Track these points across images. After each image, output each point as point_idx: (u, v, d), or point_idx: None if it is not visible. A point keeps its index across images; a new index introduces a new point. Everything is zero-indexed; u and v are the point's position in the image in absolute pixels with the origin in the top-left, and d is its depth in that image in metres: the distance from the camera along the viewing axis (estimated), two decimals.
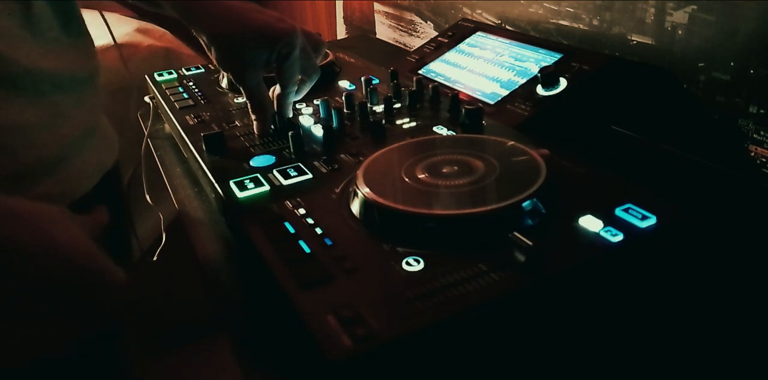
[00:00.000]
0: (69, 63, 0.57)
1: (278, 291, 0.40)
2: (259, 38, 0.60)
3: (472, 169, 0.49)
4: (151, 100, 0.86)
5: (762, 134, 0.66)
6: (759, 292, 0.46)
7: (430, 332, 0.36)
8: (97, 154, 0.61)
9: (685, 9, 0.70)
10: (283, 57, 0.62)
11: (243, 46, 0.60)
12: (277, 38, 0.60)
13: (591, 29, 0.84)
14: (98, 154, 0.61)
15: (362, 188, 0.47)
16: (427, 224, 0.43)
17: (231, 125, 0.69)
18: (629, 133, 0.72)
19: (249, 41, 0.60)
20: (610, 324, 0.42)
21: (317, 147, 0.61)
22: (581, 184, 0.49)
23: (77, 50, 0.60)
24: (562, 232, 0.43)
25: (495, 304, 0.37)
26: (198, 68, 0.91)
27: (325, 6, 1.76)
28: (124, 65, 0.88)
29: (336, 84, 0.81)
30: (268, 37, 0.60)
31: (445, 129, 0.63)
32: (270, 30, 0.60)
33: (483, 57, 0.84)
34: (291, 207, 0.49)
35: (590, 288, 0.42)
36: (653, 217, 0.43)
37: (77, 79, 0.58)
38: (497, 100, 0.74)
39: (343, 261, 0.41)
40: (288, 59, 0.63)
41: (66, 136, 0.55)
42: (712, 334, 0.43)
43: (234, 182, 0.54)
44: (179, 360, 1.53)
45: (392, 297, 0.38)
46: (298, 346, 0.38)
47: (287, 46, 0.61)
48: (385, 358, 0.35)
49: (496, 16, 1.03)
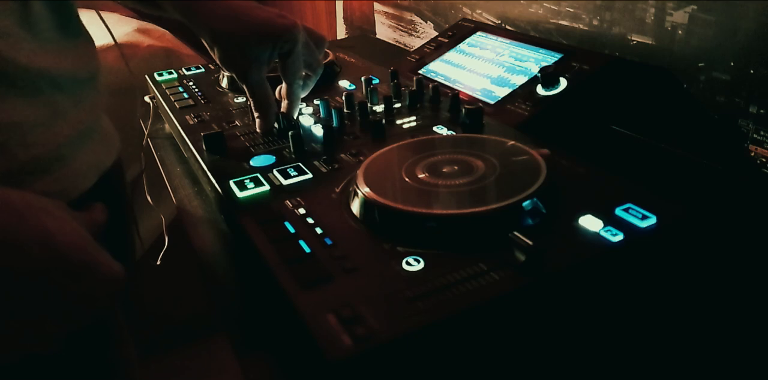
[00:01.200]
0: (69, 63, 0.57)
1: (278, 290, 0.40)
2: (261, 34, 0.60)
3: (472, 169, 0.49)
4: (151, 100, 0.86)
5: (762, 134, 0.66)
6: (759, 292, 0.46)
7: (430, 331, 0.36)
8: (95, 154, 0.61)
9: (685, 9, 0.70)
10: (285, 53, 0.63)
11: (245, 43, 0.60)
12: (279, 34, 0.60)
13: (591, 29, 0.84)
14: (96, 154, 0.61)
15: (362, 188, 0.47)
16: (428, 224, 0.43)
17: (231, 125, 0.69)
18: (629, 133, 0.72)
19: (251, 38, 0.60)
20: (610, 324, 0.42)
21: (317, 146, 0.61)
22: (581, 183, 0.49)
23: (77, 50, 0.60)
24: (562, 232, 0.43)
25: (495, 304, 0.37)
26: (198, 68, 0.91)
27: (325, 6, 1.76)
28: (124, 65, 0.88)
29: (336, 84, 0.81)
30: (270, 33, 0.60)
31: (445, 129, 0.63)
32: (271, 26, 0.60)
33: (483, 57, 0.84)
34: (291, 207, 0.49)
35: (590, 288, 0.42)
36: (653, 217, 0.43)
37: (77, 79, 0.58)
38: (497, 99, 0.74)
39: (343, 261, 0.41)
40: (291, 54, 0.63)
41: (64, 136, 0.55)
42: (712, 334, 0.43)
43: (234, 182, 0.54)
44: (179, 360, 1.53)
45: (392, 297, 0.38)
46: (298, 346, 0.38)
47: (289, 42, 0.62)
48: (385, 358, 0.35)
49: (496, 16, 1.03)
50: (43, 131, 0.53)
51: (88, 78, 0.61)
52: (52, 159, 0.54)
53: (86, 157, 0.59)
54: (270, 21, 0.60)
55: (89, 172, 0.59)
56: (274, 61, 0.64)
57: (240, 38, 0.60)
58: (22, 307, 0.36)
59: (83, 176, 0.58)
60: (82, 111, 0.59)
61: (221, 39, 0.61)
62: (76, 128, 0.57)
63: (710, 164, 0.66)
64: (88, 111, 0.60)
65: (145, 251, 1.48)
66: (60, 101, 0.55)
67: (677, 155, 0.68)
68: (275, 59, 0.63)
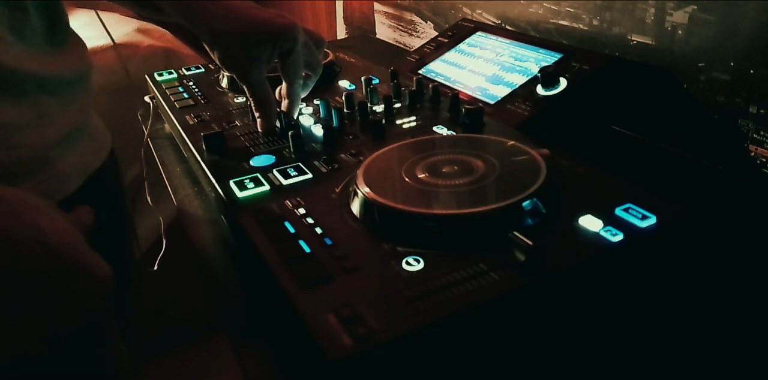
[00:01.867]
0: (57, 65, 0.57)
1: (278, 290, 0.40)
2: (261, 34, 0.60)
3: (472, 169, 0.49)
4: (151, 100, 0.86)
5: (762, 134, 0.66)
6: (759, 292, 0.46)
7: (430, 331, 0.36)
8: (82, 156, 0.61)
9: (685, 9, 0.70)
10: (285, 52, 0.63)
11: (245, 42, 0.60)
12: (279, 33, 0.61)
13: (591, 29, 0.84)
14: (84, 156, 0.61)
15: (362, 188, 0.47)
16: (428, 224, 0.43)
17: (231, 125, 0.69)
18: (629, 133, 0.72)
19: (251, 38, 0.60)
20: (610, 324, 0.42)
21: (317, 147, 0.61)
22: (581, 183, 0.49)
23: (65, 54, 0.60)
24: (562, 232, 0.43)
25: (495, 304, 0.37)
26: (198, 68, 0.91)
27: (325, 6, 1.76)
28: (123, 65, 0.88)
29: (336, 84, 0.81)
30: (270, 32, 0.60)
31: (445, 129, 0.63)
32: (271, 26, 0.60)
33: (483, 57, 0.84)
34: (291, 207, 0.49)
35: (590, 288, 0.42)
36: (653, 217, 0.43)
37: (65, 80, 0.58)
38: (497, 99, 0.74)
39: (343, 261, 0.41)
40: (291, 54, 0.63)
41: (50, 137, 0.55)
42: (712, 334, 0.43)
43: (234, 182, 0.54)
44: (179, 360, 1.53)
45: (392, 297, 0.38)
46: (298, 346, 0.38)
47: (289, 41, 0.62)
48: (385, 357, 0.35)
49: (496, 16, 1.03)
50: (28, 133, 0.53)
51: (77, 79, 0.61)
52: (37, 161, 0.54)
53: (73, 159, 0.59)
54: (269, 21, 0.60)
55: (75, 174, 0.59)
56: (274, 61, 0.64)
57: (240, 38, 0.60)
58: (22, 307, 0.36)
59: (68, 179, 0.58)
60: (70, 112, 0.59)
61: (221, 39, 0.61)
62: (63, 130, 0.57)
63: (710, 164, 0.66)
64: (77, 112, 0.60)
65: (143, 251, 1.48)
66: (46, 103, 0.55)
67: (677, 155, 0.68)
68: (275, 59, 0.63)
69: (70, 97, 0.59)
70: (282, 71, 0.65)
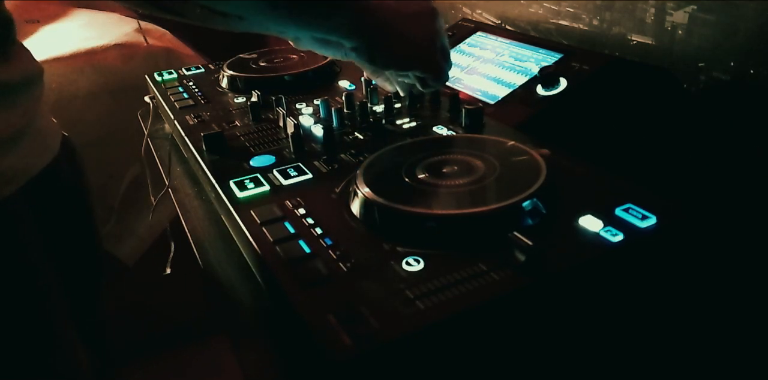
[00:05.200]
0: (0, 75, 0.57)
1: (278, 291, 0.40)
2: (424, 8, 0.57)
3: (472, 169, 0.49)
4: (151, 100, 0.86)
5: (761, 132, 0.66)
6: (759, 292, 0.46)
7: (431, 331, 0.36)
8: (23, 158, 0.60)
9: (685, 9, 0.70)
10: None
11: (419, 21, 0.57)
12: (430, 7, 0.58)
13: (591, 29, 0.84)
14: (25, 158, 0.61)
15: (362, 188, 0.47)
16: (428, 224, 0.43)
17: (231, 125, 0.69)
18: (629, 133, 0.72)
19: (422, 14, 0.57)
20: (610, 324, 0.42)
21: (317, 146, 0.61)
22: (581, 183, 0.49)
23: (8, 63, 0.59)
24: (562, 232, 0.43)
25: (495, 304, 0.37)
26: (198, 68, 0.91)
27: None
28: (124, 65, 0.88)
29: (336, 84, 0.81)
30: (426, 8, 0.58)
31: (445, 129, 0.63)
32: (420, 5, 0.57)
33: (483, 57, 0.84)
34: (291, 207, 0.49)
35: (590, 288, 0.42)
36: (653, 217, 0.43)
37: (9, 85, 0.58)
38: (497, 99, 0.74)
39: (343, 261, 0.41)
40: None
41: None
42: (712, 333, 0.43)
43: (234, 182, 0.54)
44: (179, 360, 1.53)
45: (392, 297, 0.38)
46: (298, 346, 0.38)
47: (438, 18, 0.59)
48: (385, 357, 0.35)
49: (496, 16, 1.03)
50: None
51: (22, 85, 0.60)
52: None
53: (12, 161, 0.58)
54: (416, 4, 0.57)
55: (15, 175, 0.59)
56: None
57: (421, 19, 0.57)
58: None
59: (8, 180, 0.58)
60: (12, 115, 0.58)
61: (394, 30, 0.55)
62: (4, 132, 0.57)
63: (710, 164, 0.66)
64: (20, 115, 0.59)
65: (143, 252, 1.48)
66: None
67: (677, 155, 0.68)
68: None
69: (13, 102, 0.58)
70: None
